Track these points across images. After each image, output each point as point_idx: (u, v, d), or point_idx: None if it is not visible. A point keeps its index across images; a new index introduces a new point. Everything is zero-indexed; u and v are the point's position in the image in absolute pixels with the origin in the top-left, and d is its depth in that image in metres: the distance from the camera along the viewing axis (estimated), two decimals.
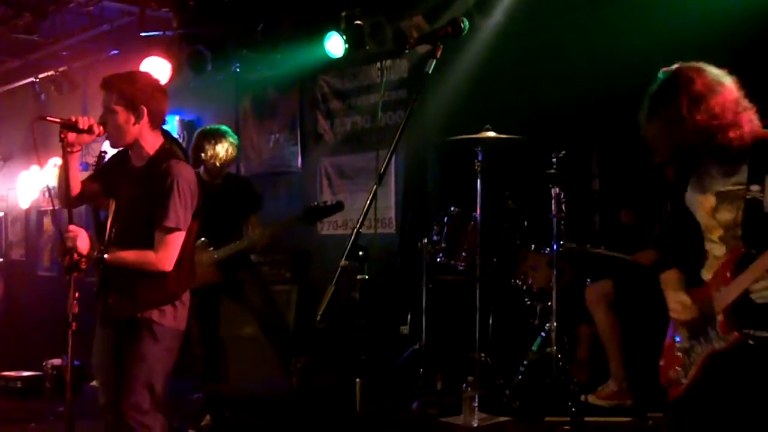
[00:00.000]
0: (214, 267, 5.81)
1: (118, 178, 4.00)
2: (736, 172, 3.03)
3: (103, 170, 4.24)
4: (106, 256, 3.74)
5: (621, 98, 4.29)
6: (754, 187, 2.96)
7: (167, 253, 3.78)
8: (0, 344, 10.05)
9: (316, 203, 5.95)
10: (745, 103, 3.02)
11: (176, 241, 3.80)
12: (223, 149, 6.00)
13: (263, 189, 7.05)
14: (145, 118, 3.84)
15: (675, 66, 3.09)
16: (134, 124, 3.84)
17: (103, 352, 3.98)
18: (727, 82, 3.02)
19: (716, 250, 3.11)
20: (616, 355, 5.12)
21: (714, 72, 3.04)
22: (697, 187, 3.17)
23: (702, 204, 3.14)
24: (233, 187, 6.14)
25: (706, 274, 3.14)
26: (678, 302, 3.16)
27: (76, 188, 3.96)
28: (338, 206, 5.79)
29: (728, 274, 2.99)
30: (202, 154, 5.96)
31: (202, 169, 5.98)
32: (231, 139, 6.08)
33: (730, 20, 4.87)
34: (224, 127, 6.18)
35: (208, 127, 6.34)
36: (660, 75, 3.11)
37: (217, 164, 5.99)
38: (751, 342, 2.94)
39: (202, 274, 5.80)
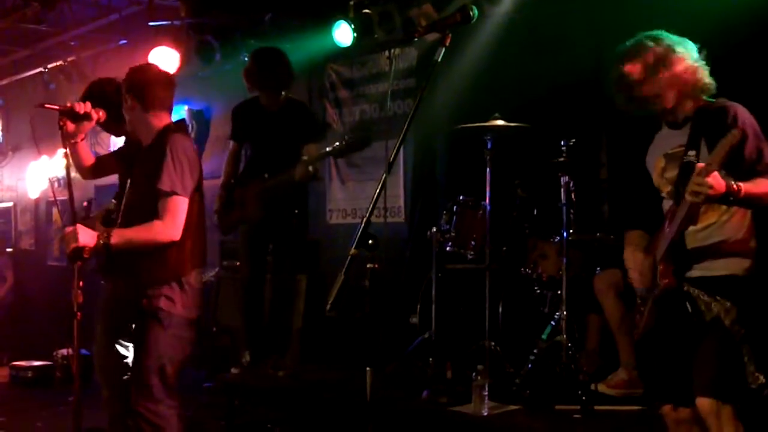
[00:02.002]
0: (259, 201, 5.73)
1: (133, 158, 4.08)
2: (680, 136, 3.36)
3: (123, 149, 4.33)
4: (111, 240, 3.70)
5: None
6: (691, 152, 3.26)
7: (171, 220, 3.73)
8: (11, 334, 10.10)
9: (344, 139, 5.63)
10: (687, 76, 3.32)
11: (177, 206, 3.75)
12: (282, 72, 5.84)
13: None
14: (135, 103, 3.92)
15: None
16: (128, 110, 3.95)
17: (104, 348, 4.00)
18: (678, 52, 3.33)
19: (666, 205, 3.43)
20: (625, 344, 5.11)
21: (670, 41, 3.36)
22: (654, 151, 3.56)
23: (656, 166, 3.50)
24: (291, 113, 5.90)
25: None
26: (632, 260, 3.52)
27: (88, 161, 4.20)
28: (365, 142, 5.52)
29: (667, 227, 3.31)
30: (260, 77, 5.82)
31: (259, 93, 5.87)
32: (288, 61, 5.85)
33: (737, 8, 4.84)
34: (280, 50, 5.94)
35: (263, 47, 6.16)
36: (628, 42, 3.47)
37: (276, 88, 5.81)
38: (684, 287, 3.27)
39: (250, 208, 5.75)
